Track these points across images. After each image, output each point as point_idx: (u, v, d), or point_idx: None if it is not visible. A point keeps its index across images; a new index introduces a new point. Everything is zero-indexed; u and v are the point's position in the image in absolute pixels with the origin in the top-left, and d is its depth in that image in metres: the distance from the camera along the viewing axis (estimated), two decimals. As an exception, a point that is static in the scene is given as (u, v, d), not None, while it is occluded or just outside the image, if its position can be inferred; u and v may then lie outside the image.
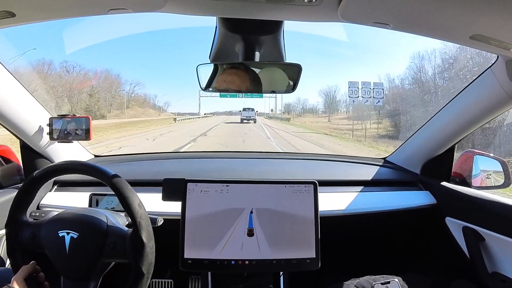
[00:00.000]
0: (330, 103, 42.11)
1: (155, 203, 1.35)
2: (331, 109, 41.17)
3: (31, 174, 1.09)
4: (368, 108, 25.14)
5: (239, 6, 0.96)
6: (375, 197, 1.68)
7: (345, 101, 38.20)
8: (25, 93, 1.46)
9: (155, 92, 58.86)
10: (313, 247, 1.27)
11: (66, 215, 1.08)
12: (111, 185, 1.04)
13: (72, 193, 1.61)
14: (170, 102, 52.65)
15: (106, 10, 0.95)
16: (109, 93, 35.06)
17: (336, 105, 41.51)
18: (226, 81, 1.26)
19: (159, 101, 53.93)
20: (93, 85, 31.22)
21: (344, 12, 0.91)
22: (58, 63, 35.22)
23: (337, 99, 41.93)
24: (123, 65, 54.35)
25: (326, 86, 69.45)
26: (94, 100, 31.16)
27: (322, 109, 43.62)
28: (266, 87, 1.26)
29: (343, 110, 38.28)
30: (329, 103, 42.57)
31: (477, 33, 0.94)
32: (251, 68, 1.25)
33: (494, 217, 1.38)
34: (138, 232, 1.01)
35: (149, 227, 1.04)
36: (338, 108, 40.72)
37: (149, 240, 1.02)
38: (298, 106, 50.76)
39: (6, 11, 0.88)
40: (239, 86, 1.26)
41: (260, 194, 1.29)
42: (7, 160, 1.57)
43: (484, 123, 1.45)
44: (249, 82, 1.25)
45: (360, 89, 21.39)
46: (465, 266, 1.50)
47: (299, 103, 50.14)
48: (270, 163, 2.06)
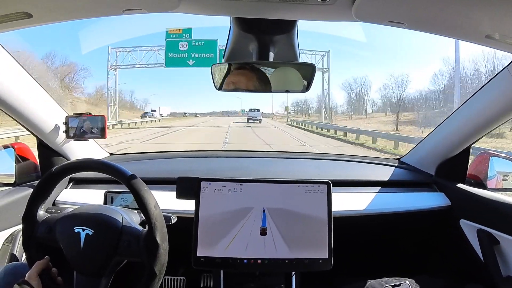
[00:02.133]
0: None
1: (169, 201, 1.35)
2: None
3: (49, 170, 1.11)
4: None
5: (253, 6, 0.96)
6: (389, 198, 1.67)
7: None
8: (42, 92, 1.49)
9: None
10: (325, 247, 1.26)
11: (82, 211, 1.10)
12: (128, 185, 1.05)
13: (87, 190, 1.64)
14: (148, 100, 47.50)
15: (122, 11, 0.96)
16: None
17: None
18: (234, 82, 1.27)
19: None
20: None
21: (358, 12, 0.90)
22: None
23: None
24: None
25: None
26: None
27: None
28: (280, 86, 1.26)
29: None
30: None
31: (493, 32, 0.93)
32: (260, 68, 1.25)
33: (510, 220, 1.36)
34: (153, 233, 1.02)
35: (163, 228, 1.05)
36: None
37: (163, 241, 1.03)
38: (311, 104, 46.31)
39: (24, 12, 0.90)
40: (248, 86, 1.27)
41: (273, 193, 1.29)
42: (24, 158, 1.60)
43: (500, 124, 1.43)
44: (258, 82, 1.26)
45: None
46: (479, 269, 1.48)
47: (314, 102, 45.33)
48: (283, 162, 2.05)
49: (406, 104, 33.32)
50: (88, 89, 39.52)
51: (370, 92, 40.64)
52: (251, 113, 34.89)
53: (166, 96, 69.74)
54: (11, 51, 1.28)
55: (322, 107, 32.48)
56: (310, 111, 47.22)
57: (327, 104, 31.74)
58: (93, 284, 1.04)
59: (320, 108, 34.28)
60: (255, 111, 35.01)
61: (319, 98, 36.32)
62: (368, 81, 42.04)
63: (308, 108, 48.03)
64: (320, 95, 33.36)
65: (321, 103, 33.23)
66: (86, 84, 38.76)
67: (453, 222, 1.61)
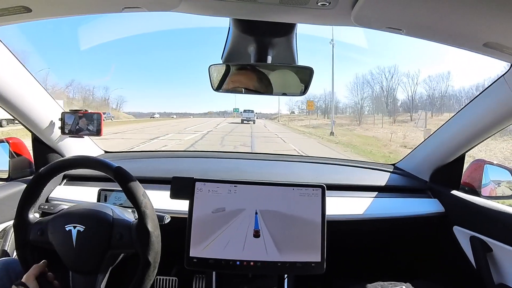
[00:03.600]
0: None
1: (163, 201, 1.36)
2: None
3: (37, 172, 1.10)
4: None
5: (253, 8, 0.96)
6: (384, 203, 1.68)
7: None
8: (39, 87, 1.49)
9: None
10: (319, 251, 1.26)
11: (72, 209, 1.10)
12: (114, 176, 1.05)
13: (81, 187, 1.63)
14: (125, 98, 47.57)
15: (121, 8, 0.96)
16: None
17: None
18: (234, 82, 1.26)
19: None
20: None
21: (357, 17, 0.91)
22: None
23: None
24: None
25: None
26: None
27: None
28: (277, 89, 1.26)
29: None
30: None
31: (491, 41, 0.94)
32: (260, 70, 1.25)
33: (503, 227, 1.36)
34: (144, 221, 1.02)
35: (154, 216, 1.05)
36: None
37: (154, 229, 1.03)
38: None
39: (23, 6, 0.90)
40: (246, 87, 1.27)
41: (267, 195, 1.29)
42: (18, 153, 1.59)
43: (495, 132, 1.43)
44: (257, 83, 1.25)
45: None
46: (472, 276, 1.48)
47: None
48: (278, 165, 2.06)
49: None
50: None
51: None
52: (245, 114, 35.60)
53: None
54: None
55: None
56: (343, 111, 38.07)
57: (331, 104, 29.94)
58: (90, 282, 1.04)
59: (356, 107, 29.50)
60: (249, 112, 35.69)
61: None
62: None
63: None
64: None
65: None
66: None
67: (446, 228, 1.62)
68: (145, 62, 65.80)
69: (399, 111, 36.10)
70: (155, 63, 70.85)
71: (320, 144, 17.54)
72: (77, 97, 38.81)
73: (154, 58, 65.34)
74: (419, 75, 31.90)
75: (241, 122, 33.31)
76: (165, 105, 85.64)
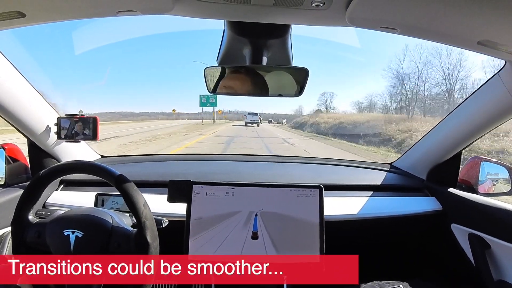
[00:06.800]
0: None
1: (161, 204, 1.35)
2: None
3: (37, 173, 1.09)
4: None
5: (247, 10, 0.96)
6: (381, 202, 1.68)
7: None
8: (34, 92, 1.48)
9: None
10: (317, 251, 1.26)
11: (71, 214, 1.09)
12: (116, 185, 1.05)
13: (78, 192, 1.62)
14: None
15: (115, 12, 0.95)
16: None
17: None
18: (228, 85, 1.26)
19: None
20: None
21: (352, 17, 0.91)
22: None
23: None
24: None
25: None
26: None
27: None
28: (273, 90, 1.26)
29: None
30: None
31: (485, 39, 0.94)
32: (256, 72, 1.25)
33: (501, 224, 1.37)
34: (143, 232, 1.01)
35: (153, 227, 1.04)
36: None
37: (153, 240, 1.03)
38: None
39: (17, 12, 0.89)
40: (242, 89, 1.27)
41: (265, 197, 1.29)
42: (14, 159, 1.58)
43: (491, 130, 1.44)
44: (252, 84, 1.25)
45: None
46: (471, 273, 1.49)
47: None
48: (275, 166, 2.06)
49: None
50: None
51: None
52: (249, 117, 35.69)
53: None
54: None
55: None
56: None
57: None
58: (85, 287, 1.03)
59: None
60: (253, 114, 35.85)
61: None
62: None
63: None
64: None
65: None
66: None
67: (444, 226, 1.62)
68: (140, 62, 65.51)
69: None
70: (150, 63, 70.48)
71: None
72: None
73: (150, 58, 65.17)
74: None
75: (245, 125, 33.28)
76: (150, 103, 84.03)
